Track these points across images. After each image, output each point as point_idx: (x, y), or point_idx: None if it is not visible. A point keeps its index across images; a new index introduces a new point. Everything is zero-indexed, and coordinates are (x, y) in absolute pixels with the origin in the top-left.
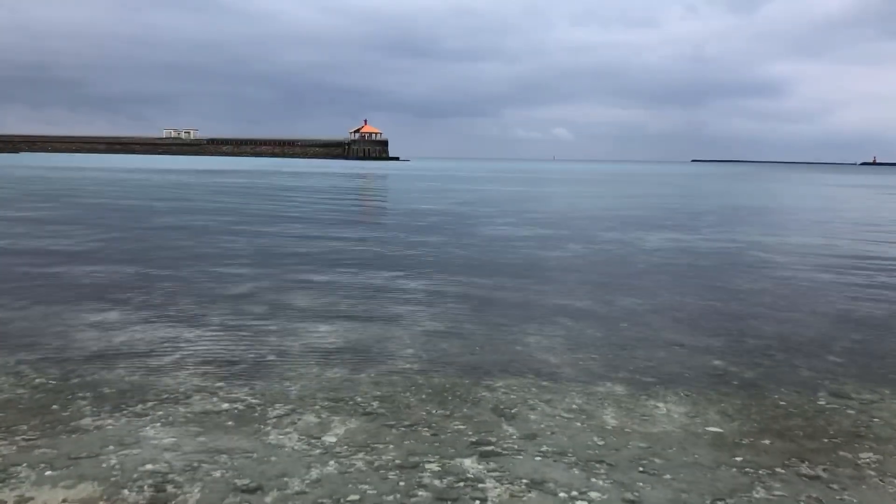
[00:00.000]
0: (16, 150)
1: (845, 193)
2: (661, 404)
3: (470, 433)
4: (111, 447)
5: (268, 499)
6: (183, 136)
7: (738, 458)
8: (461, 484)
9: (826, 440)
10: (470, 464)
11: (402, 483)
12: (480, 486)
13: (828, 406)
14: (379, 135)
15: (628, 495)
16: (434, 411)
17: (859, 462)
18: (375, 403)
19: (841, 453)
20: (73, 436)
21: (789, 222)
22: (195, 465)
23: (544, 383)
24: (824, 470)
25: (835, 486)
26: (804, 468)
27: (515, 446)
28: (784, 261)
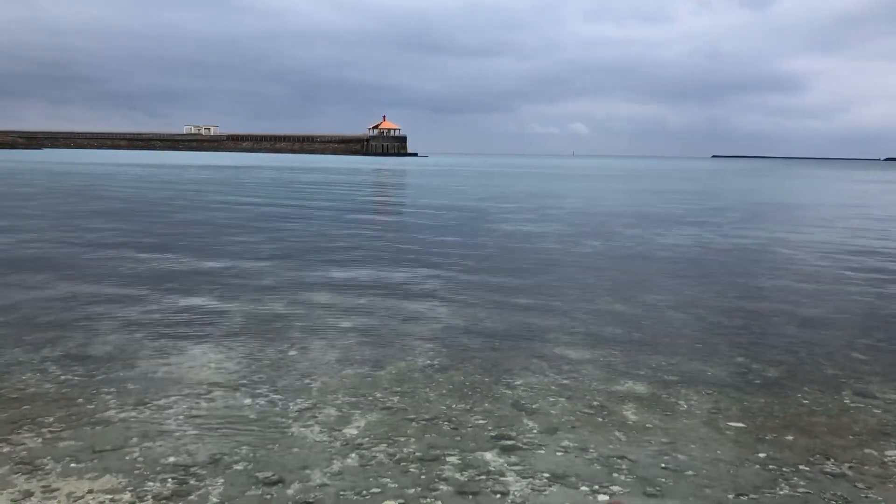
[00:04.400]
0: (39, 147)
1: (870, 189)
2: (682, 401)
3: (490, 427)
4: (135, 440)
5: (290, 491)
6: (203, 132)
7: (762, 455)
8: (482, 477)
9: (851, 438)
10: (491, 457)
11: (423, 476)
12: (502, 479)
13: (852, 404)
14: (397, 131)
15: (650, 490)
16: (454, 406)
17: (885, 460)
18: (396, 398)
19: (866, 451)
20: (98, 429)
21: (813, 219)
22: (217, 457)
23: (565, 380)
24: (849, 468)
25: (860, 485)
26: (829, 466)
27: (536, 441)
28: (807, 258)
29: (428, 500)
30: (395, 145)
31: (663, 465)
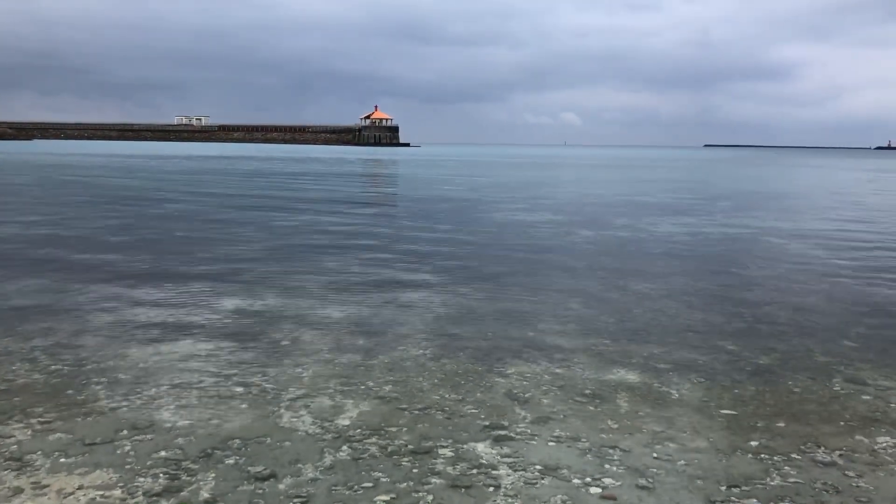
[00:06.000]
0: (29, 138)
1: (860, 178)
2: (674, 389)
3: (483, 417)
4: (125, 432)
5: (282, 486)
6: (194, 122)
7: (753, 444)
8: (475, 470)
9: (842, 425)
10: (483, 449)
11: (415, 469)
12: (494, 472)
13: (843, 391)
14: (389, 121)
15: (642, 481)
16: (447, 395)
17: (876, 448)
18: (388, 387)
19: (857, 438)
20: (88, 420)
21: (804, 208)
22: (209, 451)
23: (557, 368)
24: (840, 455)
25: (851, 473)
26: (820, 454)
27: (529, 431)
28: (798, 246)
29: (420, 494)
30: (387, 135)
31: (655, 454)
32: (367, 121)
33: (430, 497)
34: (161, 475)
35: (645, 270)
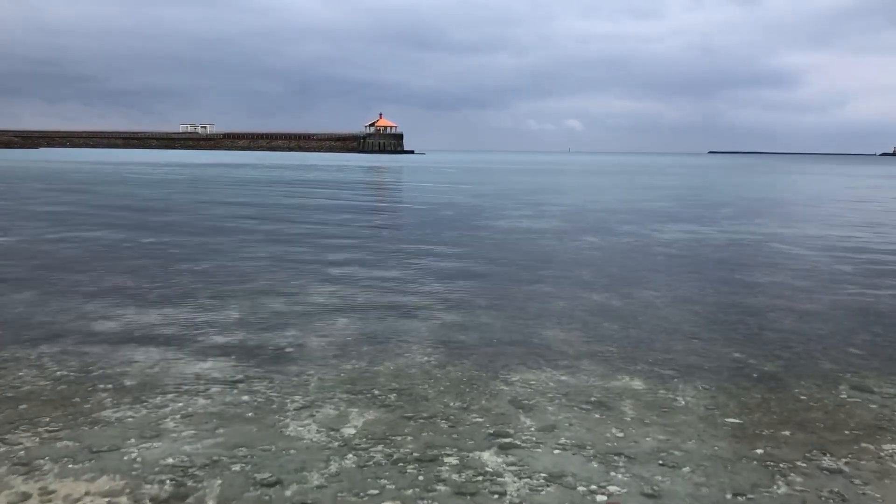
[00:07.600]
0: (35, 146)
1: (865, 185)
2: (679, 397)
3: (488, 425)
4: (132, 440)
5: (287, 493)
6: (199, 130)
7: (759, 451)
8: (480, 478)
9: (848, 433)
10: (488, 456)
11: (421, 477)
12: (499, 480)
13: (849, 399)
14: (394, 128)
15: (647, 489)
16: (452, 403)
17: (882, 455)
18: (393, 396)
19: (863, 446)
20: (95, 428)
21: (808, 214)
22: (215, 458)
23: (562, 376)
24: (846, 463)
25: (857, 481)
26: (826, 462)
27: (534, 439)
28: (803, 253)
29: (426, 501)
30: (391, 143)
31: (661, 462)
32: (372, 128)
33: None
34: (168, 481)
35: (649, 277)
